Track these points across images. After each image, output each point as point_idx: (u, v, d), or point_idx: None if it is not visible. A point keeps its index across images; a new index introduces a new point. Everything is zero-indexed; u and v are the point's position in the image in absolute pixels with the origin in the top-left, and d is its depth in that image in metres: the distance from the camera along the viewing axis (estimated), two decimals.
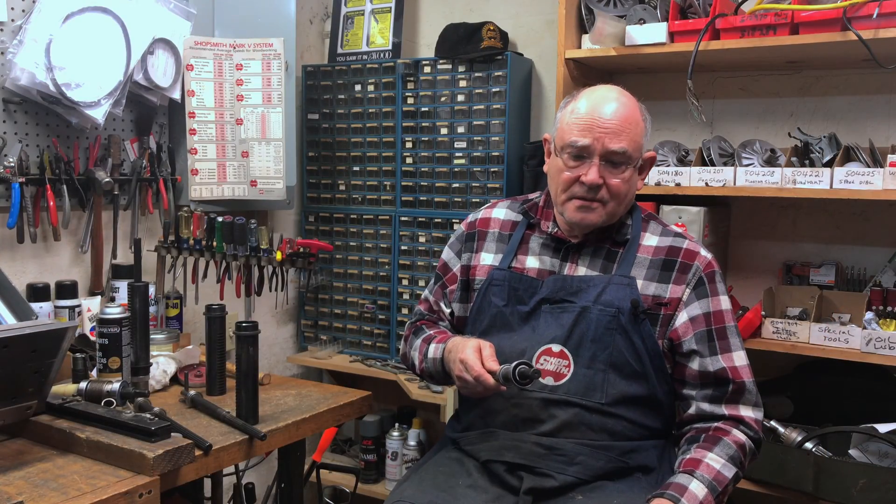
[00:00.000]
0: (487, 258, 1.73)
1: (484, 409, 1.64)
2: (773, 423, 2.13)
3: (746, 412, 1.55)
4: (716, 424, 1.55)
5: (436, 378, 1.72)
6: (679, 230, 1.69)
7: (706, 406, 1.56)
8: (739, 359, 1.57)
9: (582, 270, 1.63)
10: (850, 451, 2.04)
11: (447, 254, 1.82)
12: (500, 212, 1.78)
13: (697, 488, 1.44)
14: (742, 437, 1.52)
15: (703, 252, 1.63)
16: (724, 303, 1.60)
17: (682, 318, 1.58)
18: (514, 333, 1.62)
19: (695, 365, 1.57)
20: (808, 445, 2.04)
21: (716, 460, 1.48)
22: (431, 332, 1.75)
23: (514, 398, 1.58)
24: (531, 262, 1.68)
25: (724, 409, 1.55)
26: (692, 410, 1.58)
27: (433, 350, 1.67)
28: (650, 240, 1.64)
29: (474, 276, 1.74)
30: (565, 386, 1.55)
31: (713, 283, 1.60)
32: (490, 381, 1.46)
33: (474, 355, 1.50)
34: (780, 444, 2.08)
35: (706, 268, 1.60)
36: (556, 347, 1.57)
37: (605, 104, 1.58)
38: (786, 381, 2.33)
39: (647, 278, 1.60)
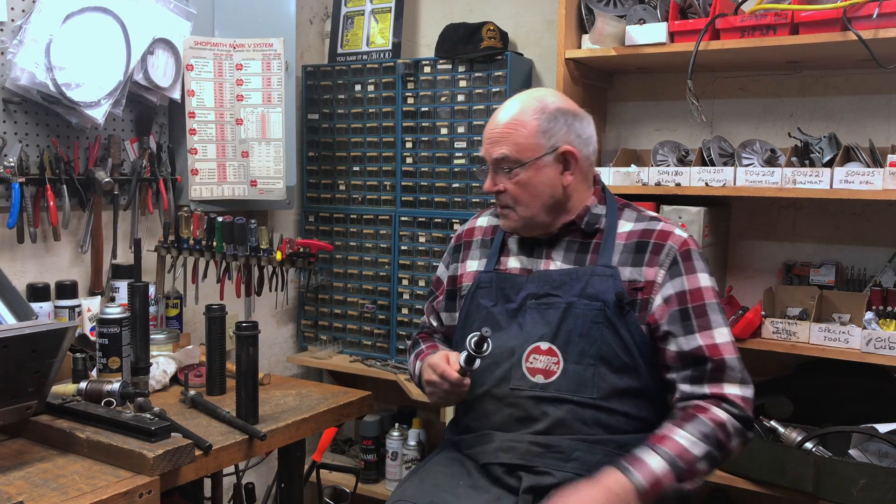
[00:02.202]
0: (472, 264, 1.76)
1: (479, 412, 1.64)
2: (773, 423, 2.13)
3: (731, 389, 1.50)
4: (695, 402, 1.51)
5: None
6: (655, 214, 1.67)
7: (687, 387, 1.53)
8: (721, 336, 1.52)
9: (556, 265, 1.64)
10: (850, 451, 2.04)
11: (440, 269, 1.87)
12: (483, 220, 1.82)
13: (656, 463, 1.42)
14: (722, 415, 1.48)
15: (678, 231, 1.60)
16: (703, 280, 1.56)
17: (657, 301, 1.56)
18: (503, 331, 1.62)
19: (672, 347, 1.54)
20: (808, 445, 2.04)
21: (684, 437, 1.45)
22: (424, 346, 1.79)
23: (506, 398, 1.59)
24: (512, 263, 1.70)
25: (706, 389, 1.51)
26: (677, 394, 1.56)
27: (419, 367, 1.71)
28: (625, 227, 1.63)
29: (461, 284, 1.77)
30: (556, 383, 1.55)
31: (688, 260, 1.57)
32: (452, 373, 1.52)
33: (440, 358, 1.56)
34: (780, 444, 2.08)
35: (681, 246, 1.57)
36: (544, 345, 1.57)
37: (500, 112, 1.62)
38: (786, 381, 2.33)
39: (620, 263, 1.59)
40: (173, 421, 1.53)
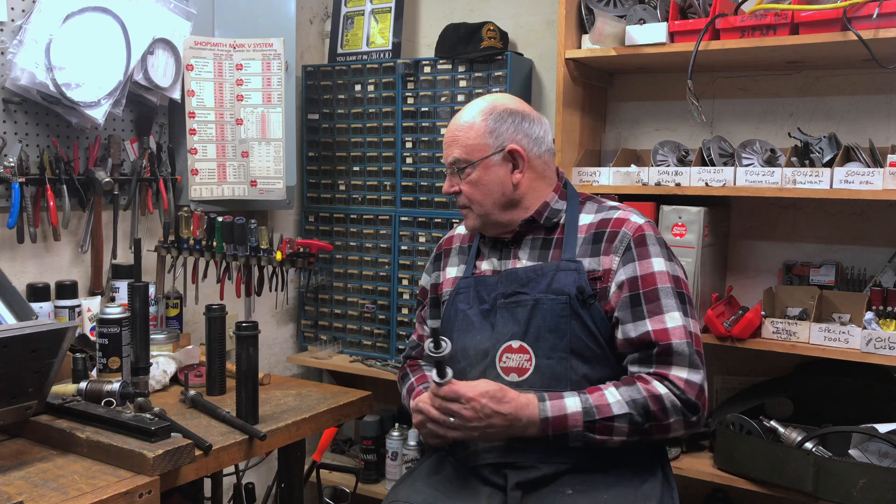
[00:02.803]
0: (452, 271, 1.79)
1: None
2: (773, 423, 2.13)
3: (676, 372, 1.49)
4: (638, 374, 1.52)
5: None
6: (615, 204, 1.68)
7: (635, 368, 1.54)
8: (672, 320, 1.51)
9: (522, 263, 1.66)
10: (850, 451, 2.04)
11: (423, 279, 1.89)
12: (462, 228, 1.84)
13: (571, 402, 1.46)
14: (661, 389, 1.48)
15: (635, 218, 1.61)
16: (657, 264, 1.55)
17: (612, 288, 1.57)
18: (476, 332, 1.64)
19: (619, 334, 1.55)
20: (808, 445, 2.04)
21: (612, 394, 1.48)
22: (413, 379, 1.79)
23: None
24: (485, 266, 1.72)
25: (653, 370, 1.51)
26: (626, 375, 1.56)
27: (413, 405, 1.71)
28: (585, 219, 1.65)
29: (441, 291, 1.79)
30: (529, 380, 1.57)
31: (643, 246, 1.57)
32: (427, 408, 1.52)
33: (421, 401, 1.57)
34: (780, 444, 2.08)
35: (635, 232, 1.58)
36: (515, 344, 1.59)
37: (456, 117, 1.67)
38: (786, 381, 2.33)
39: (581, 255, 1.60)
40: (173, 421, 1.53)
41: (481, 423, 1.46)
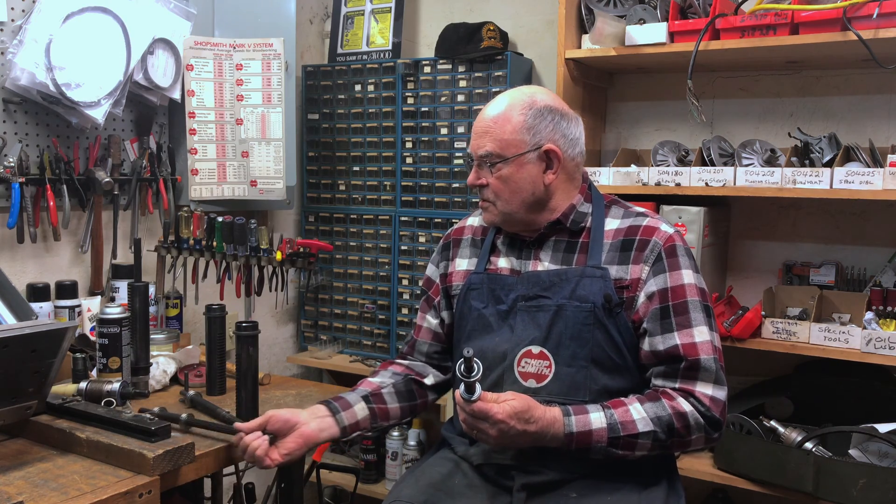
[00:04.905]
0: (462, 263, 1.75)
1: None
2: (773, 423, 2.13)
3: (701, 388, 1.48)
4: (664, 389, 1.51)
5: None
6: (642, 210, 1.65)
7: (659, 382, 1.52)
8: (700, 334, 1.50)
9: (543, 265, 1.62)
10: (850, 451, 2.04)
11: (430, 269, 1.83)
12: (475, 220, 1.80)
13: (596, 418, 1.44)
14: (686, 406, 1.46)
15: (664, 227, 1.58)
16: (687, 276, 1.54)
17: (641, 298, 1.54)
18: (495, 334, 1.61)
19: (645, 346, 1.53)
20: (808, 445, 2.04)
21: (637, 411, 1.46)
22: (367, 377, 1.76)
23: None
24: (502, 263, 1.68)
25: (678, 384, 1.50)
26: (650, 387, 1.55)
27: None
28: (612, 224, 1.62)
29: (451, 283, 1.75)
30: (548, 387, 1.54)
31: (673, 256, 1.55)
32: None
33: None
34: (780, 444, 2.08)
35: (666, 242, 1.55)
36: (535, 349, 1.56)
37: (488, 107, 1.61)
38: (786, 381, 2.33)
39: (607, 262, 1.57)
40: (197, 420, 1.54)
41: (505, 440, 1.43)
